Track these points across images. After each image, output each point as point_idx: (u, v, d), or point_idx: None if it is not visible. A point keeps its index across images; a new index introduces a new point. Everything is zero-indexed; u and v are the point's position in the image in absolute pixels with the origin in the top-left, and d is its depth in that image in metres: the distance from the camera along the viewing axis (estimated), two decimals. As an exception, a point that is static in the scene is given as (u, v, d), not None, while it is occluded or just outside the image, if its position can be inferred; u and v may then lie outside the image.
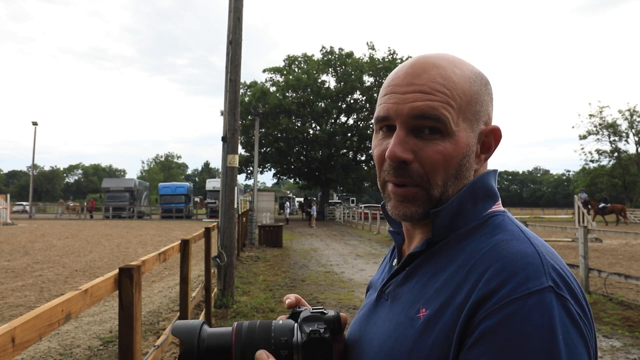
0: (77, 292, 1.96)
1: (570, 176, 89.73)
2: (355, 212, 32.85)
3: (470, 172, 0.77)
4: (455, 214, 0.75)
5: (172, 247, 4.17)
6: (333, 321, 0.77)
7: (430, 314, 0.69)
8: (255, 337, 0.74)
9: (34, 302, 7.59)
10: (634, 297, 7.84)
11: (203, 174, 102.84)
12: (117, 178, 64.02)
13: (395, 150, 0.73)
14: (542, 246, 0.68)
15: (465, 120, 0.75)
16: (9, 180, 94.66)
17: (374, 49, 40.93)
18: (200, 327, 0.75)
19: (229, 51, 7.76)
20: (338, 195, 59.03)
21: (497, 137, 0.79)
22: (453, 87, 0.74)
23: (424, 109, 0.72)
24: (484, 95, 0.78)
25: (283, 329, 0.75)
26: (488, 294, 0.63)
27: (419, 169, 0.74)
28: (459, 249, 0.72)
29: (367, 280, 9.40)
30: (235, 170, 7.78)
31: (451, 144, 0.73)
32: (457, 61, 0.78)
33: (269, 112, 36.04)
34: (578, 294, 0.65)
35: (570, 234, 15.79)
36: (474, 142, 0.77)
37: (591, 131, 50.03)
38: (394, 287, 0.80)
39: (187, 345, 0.73)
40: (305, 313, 0.78)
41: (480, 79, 0.78)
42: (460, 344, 0.64)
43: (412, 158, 0.73)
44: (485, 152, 0.79)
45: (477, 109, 0.76)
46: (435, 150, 0.73)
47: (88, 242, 17.56)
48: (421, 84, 0.73)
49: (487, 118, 0.79)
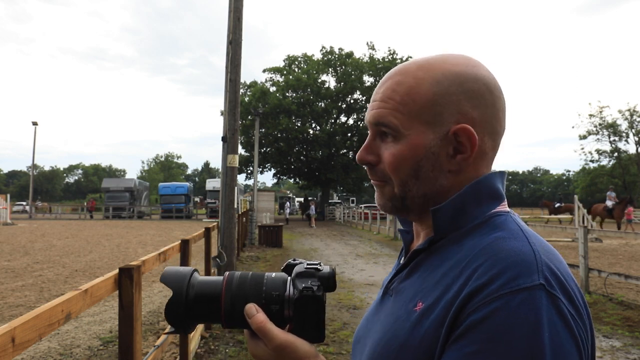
0: (77, 292, 1.96)
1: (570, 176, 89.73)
2: (355, 212, 32.87)
3: (436, 172, 0.77)
4: (457, 213, 0.76)
5: (172, 247, 4.17)
6: (327, 278, 0.74)
7: (425, 307, 0.70)
8: (246, 288, 0.73)
9: (34, 302, 7.59)
10: (634, 297, 7.85)
11: (203, 174, 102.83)
12: (117, 178, 64.07)
13: (361, 154, 0.82)
14: (540, 245, 0.68)
15: (422, 123, 0.76)
16: (9, 180, 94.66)
17: (374, 49, 40.97)
18: (191, 274, 0.74)
19: (229, 51, 7.77)
20: (338, 195, 59.06)
21: (469, 136, 0.75)
22: (406, 93, 0.77)
23: (376, 116, 0.80)
24: (452, 96, 0.75)
25: (275, 283, 0.73)
26: (478, 288, 0.64)
27: (383, 168, 0.80)
28: (458, 246, 0.73)
29: (367, 280, 9.48)
30: (235, 170, 7.78)
31: (403, 146, 0.77)
32: (430, 63, 0.78)
33: (269, 112, 36.04)
34: (573, 294, 0.65)
35: (570, 234, 15.79)
36: (436, 143, 0.76)
37: (591, 131, 49.96)
38: (397, 283, 0.82)
39: (175, 292, 0.71)
40: (299, 267, 0.75)
41: (454, 78, 0.76)
42: (448, 336, 0.65)
43: (376, 160, 0.81)
44: (462, 152, 0.76)
45: (438, 110, 0.75)
46: (390, 153, 0.78)
47: (88, 242, 17.56)
48: (382, 92, 0.80)
49: (461, 117, 0.76)
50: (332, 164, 39.23)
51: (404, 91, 0.77)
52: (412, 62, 0.81)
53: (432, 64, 0.79)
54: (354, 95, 40.48)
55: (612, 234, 11.59)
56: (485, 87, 0.78)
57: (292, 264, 0.77)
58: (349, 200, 53.05)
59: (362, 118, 41.17)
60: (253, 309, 0.71)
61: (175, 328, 0.73)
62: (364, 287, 8.84)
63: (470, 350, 0.61)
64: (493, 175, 0.80)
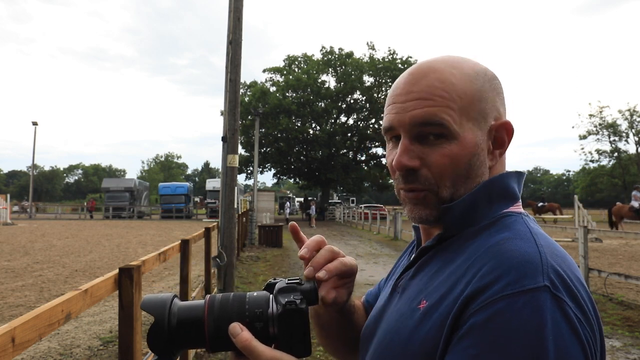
0: (77, 292, 1.96)
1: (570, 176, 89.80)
2: (355, 212, 32.88)
3: (482, 169, 0.77)
4: (467, 211, 0.76)
5: (172, 247, 4.17)
6: (309, 291, 0.75)
7: (428, 305, 0.70)
8: (229, 309, 0.72)
9: (34, 302, 7.59)
10: (634, 297, 7.85)
11: (203, 174, 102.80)
12: (117, 178, 64.02)
13: (401, 160, 0.75)
14: (548, 247, 0.67)
15: (470, 120, 0.75)
16: (9, 180, 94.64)
17: (374, 49, 40.97)
18: (171, 301, 0.72)
19: (229, 51, 7.76)
20: (338, 195, 59.02)
21: (508, 131, 0.79)
22: (452, 89, 0.74)
23: (424, 115, 0.74)
24: (488, 92, 0.77)
25: (258, 301, 0.73)
26: (481, 289, 0.63)
27: (427, 174, 0.75)
28: (465, 246, 0.73)
29: (367, 280, 9.46)
30: (235, 170, 7.78)
31: (457, 145, 0.74)
32: (457, 61, 0.78)
33: (269, 112, 36.03)
34: (580, 297, 0.63)
35: (570, 234, 15.79)
36: (483, 140, 0.76)
37: (591, 131, 49.98)
38: (405, 280, 0.82)
39: (157, 320, 0.70)
40: (280, 284, 0.75)
41: (484, 75, 0.78)
42: (451, 336, 0.64)
43: (420, 164, 0.75)
44: (498, 148, 0.79)
45: (481, 107, 0.76)
46: (441, 154, 0.74)
47: (88, 242, 17.56)
48: (419, 90, 0.75)
49: (497, 113, 0.78)
50: (332, 164, 39.22)
51: (450, 87, 0.75)
52: (437, 61, 0.78)
53: (458, 62, 0.78)
54: (354, 95, 40.47)
55: (612, 234, 11.58)
56: (501, 85, 0.81)
57: (273, 283, 0.77)
58: (349, 200, 53.03)
59: (362, 118, 41.18)
60: (237, 328, 0.69)
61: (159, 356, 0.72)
62: (364, 287, 8.83)
63: (474, 352, 0.61)
64: (508, 175, 0.79)
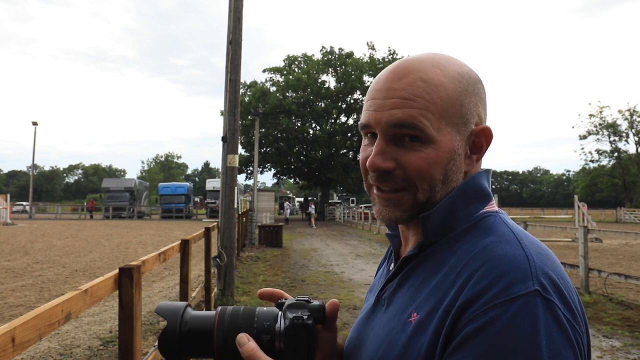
0: (77, 292, 1.96)
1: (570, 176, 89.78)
2: (355, 212, 32.86)
3: (458, 174, 0.75)
4: (446, 216, 0.74)
5: (172, 247, 4.17)
6: (317, 310, 0.76)
7: (420, 318, 0.69)
8: (239, 322, 0.74)
9: (34, 302, 7.59)
10: (634, 297, 7.85)
11: (203, 174, 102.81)
12: (117, 178, 64.01)
13: (375, 161, 0.73)
14: (533, 248, 0.67)
15: (449, 124, 0.73)
16: (9, 180, 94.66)
17: (374, 49, 40.98)
18: (184, 309, 0.75)
19: (229, 51, 7.77)
20: (338, 195, 59.01)
21: (487, 137, 0.77)
22: (434, 90, 0.71)
23: (401, 117, 0.71)
24: (471, 96, 0.75)
25: (267, 315, 0.75)
26: (472, 298, 0.62)
27: (403, 174, 0.73)
28: (450, 252, 0.72)
29: (367, 280, 9.46)
30: (235, 170, 7.78)
31: (433, 150, 0.72)
32: (442, 61, 0.75)
33: (269, 112, 36.03)
34: (569, 298, 0.63)
35: (570, 234, 15.79)
36: (461, 145, 0.74)
37: (591, 131, 50.06)
38: (389, 292, 0.79)
39: (169, 325, 0.73)
40: (289, 301, 0.78)
41: (468, 78, 0.76)
42: (445, 347, 0.63)
43: (394, 166, 0.73)
44: (476, 153, 0.77)
45: (463, 111, 0.74)
46: (417, 157, 0.72)
47: (88, 242, 17.56)
48: (400, 88, 0.72)
49: (478, 118, 0.76)
50: (332, 164, 39.22)
51: (432, 89, 0.71)
52: (422, 59, 0.75)
53: (442, 63, 0.75)
54: (354, 95, 40.47)
55: (612, 234, 11.58)
56: (484, 88, 0.79)
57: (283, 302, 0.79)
58: (348, 200, 53.04)
59: (362, 118, 41.16)
60: (244, 338, 0.71)
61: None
62: (364, 287, 8.83)
63: None
64: (479, 175, 0.78)
